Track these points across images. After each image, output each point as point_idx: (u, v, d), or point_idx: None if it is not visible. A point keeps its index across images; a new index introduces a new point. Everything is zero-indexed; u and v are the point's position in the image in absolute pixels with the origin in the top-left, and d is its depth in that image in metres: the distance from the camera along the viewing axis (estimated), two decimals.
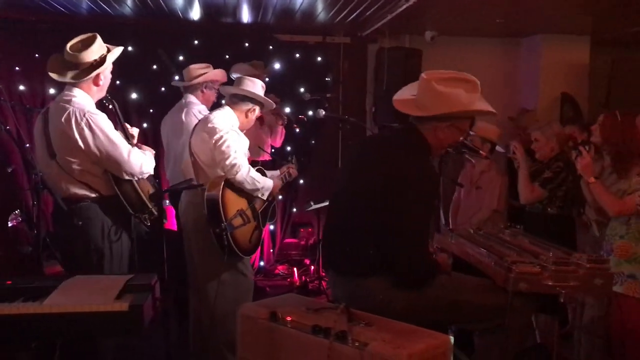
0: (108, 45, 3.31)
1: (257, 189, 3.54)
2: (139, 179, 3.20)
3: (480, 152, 3.69)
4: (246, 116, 3.62)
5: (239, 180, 3.39)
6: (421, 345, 2.07)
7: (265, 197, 3.63)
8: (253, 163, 4.05)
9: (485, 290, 2.73)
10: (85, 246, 3.11)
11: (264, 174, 3.80)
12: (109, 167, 3.12)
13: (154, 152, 3.45)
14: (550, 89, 6.60)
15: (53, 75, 3.20)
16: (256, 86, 3.63)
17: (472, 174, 4.74)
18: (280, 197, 4.05)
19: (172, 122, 4.35)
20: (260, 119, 5.08)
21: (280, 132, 5.67)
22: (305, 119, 4.75)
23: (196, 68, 4.42)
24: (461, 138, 2.76)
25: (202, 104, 4.39)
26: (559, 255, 2.85)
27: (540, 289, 2.66)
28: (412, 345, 2.05)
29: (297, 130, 4.95)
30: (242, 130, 3.63)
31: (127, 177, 3.15)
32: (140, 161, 3.19)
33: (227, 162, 3.36)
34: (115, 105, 3.36)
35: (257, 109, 3.65)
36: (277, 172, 4.06)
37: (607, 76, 6.97)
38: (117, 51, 3.30)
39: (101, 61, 3.18)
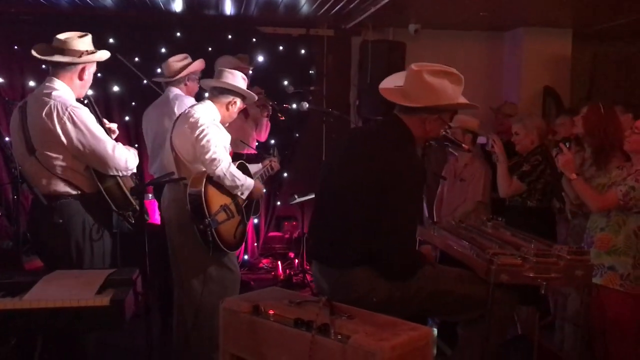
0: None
1: (237, 186, 3.48)
2: (123, 175, 3.15)
3: (463, 145, 3.70)
4: (227, 109, 3.58)
5: (218, 175, 3.36)
6: (404, 337, 2.08)
7: (244, 197, 3.59)
8: (236, 156, 4.02)
9: (466, 281, 2.75)
10: (65, 244, 3.05)
11: (246, 168, 3.78)
12: (93, 163, 3.05)
13: (137, 147, 3.41)
14: (532, 82, 6.63)
15: (36, 54, 3.12)
16: (236, 78, 3.59)
17: (455, 167, 4.77)
18: (264, 190, 4.00)
19: (161, 115, 4.26)
20: (244, 112, 5.05)
21: (266, 125, 5.64)
22: (289, 107, 4.71)
23: (176, 61, 4.33)
24: (442, 131, 2.83)
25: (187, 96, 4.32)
26: (540, 247, 2.88)
27: (521, 281, 2.68)
28: (395, 337, 2.06)
29: (282, 119, 4.92)
30: (224, 124, 3.60)
31: (112, 173, 3.08)
32: (125, 156, 3.12)
33: (207, 157, 3.33)
34: (91, 101, 3.30)
35: (239, 101, 3.62)
36: (259, 166, 4.05)
37: (589, 69, 7.03)
38: (106, 54, 3.26)
39: (91, 53, 3.13)
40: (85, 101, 3.28)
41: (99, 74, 5.29)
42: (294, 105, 6.34)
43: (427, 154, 3.88)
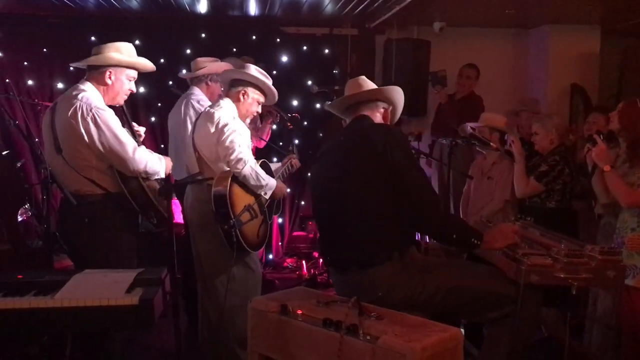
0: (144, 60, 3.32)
1: (261, 186, 3.48)
2: (144, 177, 3.16)
3: (491, 144, 3.65)
4: (239, 99, 3.53)
5: (244, 175, 3.36)
6: (434, 338, 2.06)
7: (267, 196, 3.58)
8: None
9: (492, 278, 2.73)
10: (91, 242, 3.09)
11: (268, 167, 3.78)
12: (114, 164, 3.09)
13: (162, 147, 3.42)
14: (559, 80, 6.55)
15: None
16: (246, 69, 3.56)
17: (482, 165, 4.72)
18: (288, 189, 3.97)
19: (175, 115, 4.31)
20: None
21: (267, 130, 5.31)
22: (299, 116, 4.59)
23: (202, 60, 4.32)
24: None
25: (206, 97, 4.30)
26: (571, 247, 2.84)
27: (552, 281, 2.65)
28: (425, 338, 2.04)
29: (291, 127, 4.81)
30: (244, 119, 3.58)
31: (132, 175, 3.11)
32: (145, 160, 3.14)
33: (232, 157, 3.33)
34: (123, 109, 3.33)
35: (249, 90, 3.54)
36: (279, 164, 4.03)
37: (619, 66, 6.91)
38: (135, 58, 3.27)
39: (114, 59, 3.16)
40: (134, 91, 3.33)
41: None
42: (318, 105, 6.35)
43: (454, 152, 3.85)
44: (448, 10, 5.77)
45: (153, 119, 6.17)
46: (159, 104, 6.18)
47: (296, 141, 6.02)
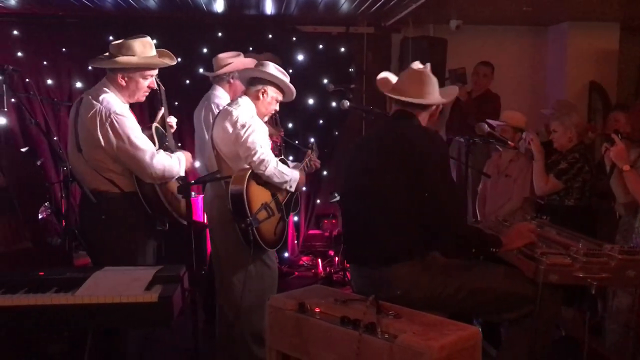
0: (164, 55, 3.29)
1: (285, 182, 3.50)
2: (160, 183, 3.17)
3: (509, 142, 3.63)
4: (258, 98, 3.53)
5: (268, 175, 3.38)
6: (452, 337, 2.06)
7: (292, 190, 3.60)
8: None
9: (511, 278, 2.72)
10: (108, 239, 3.12)
11: (286, 164, 3.79)
12: (132, 169, 3.10)
13: (179, 146, 3.43)
14: (577, 77, 6.49)
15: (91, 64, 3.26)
16: (265, 67, 3.53)
17: (499, 163, 4.69)
18: (304, 188, 3.95)
19: (197, 115, 4.32)
20: None
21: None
22: (315, 145, 4.48)
23: (224, 57, 4.21)
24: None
25: (229, 95, 4.26)
26: (590, 246, 2.81)
27: (571, 281, 2.63)
28: (443, 337, 2.04)
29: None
30: (262, 117, 3.59)
31: (148, 181, 3.11)
32: (163, 166, 3.13)
33: (255, 158, 3.32)
34: (161, 90, 3.35)
35: (269, 89, 3.54)
36: (297, 164, 4.03)
37: (638, 64, 6.83)
38: (147, 60, 3.20)
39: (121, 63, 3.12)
40: (157, 90, 3.33)
41: None
42: (334, 104, 6.35)
43: (471, 151, 3.83)
44: (465, 8, 5.74)
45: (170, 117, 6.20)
46: (176, 103, 6.20)
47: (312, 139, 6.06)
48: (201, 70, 5.82)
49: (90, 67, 5.89)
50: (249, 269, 3.43)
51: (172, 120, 3.47)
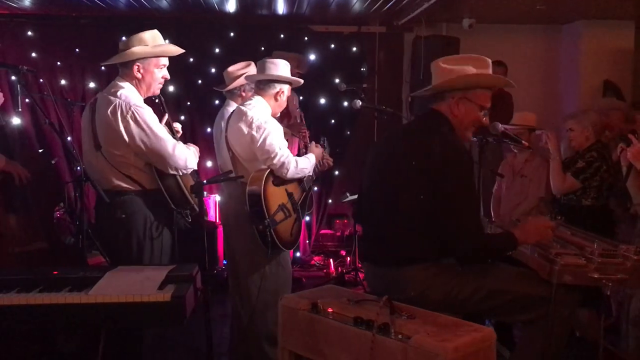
0: (171, 45, 3.29)
1: (307, 175, 3.54)
2: (183, 173, 3.18)
3: (523, 142, 3.61)
4: (276, 99, 3.52)
5: (289, 177, 3.37)
6: (467, 338, 2.04)
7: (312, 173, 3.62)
8: None
9: (526, 280, 2.69)
10: (127, 239, 3.11)
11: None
12: (154, 161, 3.10)
13: (197, 148, 3.43)
14: (591, 76, 6.44)
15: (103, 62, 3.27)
16: (279, 67, 3.50)
17: (514, 163, 4.66)
18: (315, 188, 3.92)
19: (216, 125, 4.18)
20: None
21: (295, 144, 5.11)
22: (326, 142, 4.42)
23: (234, 70, 4.05)
24: (482, 114, 2.71)
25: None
26: (605, 247, 2.78)
27: (585, 282, 2.60)
28: (458, 338, 2.02)
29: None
30: (275, 115, 3.58)
31: (171, 172, 3.12)
32: (185, 156, 3.16)
33: (276, 161, 3.31)
34: (161, 99, 3.35)
35: (286, 89, 3.55)
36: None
37: None
38: (160, 48, 3.22)
39: (138, 53, 3.14)
40: (156, 100, 3.33)
41: None
42: (345, 103, 6.35)
43: (484, 151, 3.81)
44: (477, 6, 5.72)
45: (182, 117, 6.23)
46: (188, 103, 6.24)
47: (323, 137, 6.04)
48: (212, 70, 5.85)
49: (103, 68, 5.95)
50: (265, 269, 3.43)
51: (178, 126, 3.48)
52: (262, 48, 6.09)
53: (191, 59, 6.08)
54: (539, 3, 5.54)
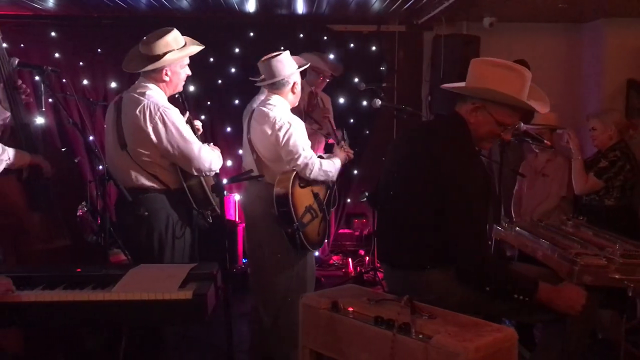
0: (190, 41, 3.33)
1: (332, 178, 3.52)
2: (206, 175, 3.22)
3: (545, 141, 3.59)
4: (293, 92, 3.54)
5: (313, 178, 3.38)
6: (488, 338, 2.03)
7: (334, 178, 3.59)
8: None
9: (547, 280, 2.66)
10: (149, 237, 3.17)
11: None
12: (179, 162, 3.16)
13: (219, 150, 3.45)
14: (614, 75, 6.34)
15: (125, 69, 3.30)
16: (285, 65, 3.47)
17: (535, 163, 4.63)
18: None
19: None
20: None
21: (318, 141, 5.22)
22: (345, 134, 4.28)
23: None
24: (500, 132, 2.58)
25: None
26: (627, 247, 2.76)
27: (606, 283, 2.59)
28: (479, 338, 2.02)
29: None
30: (294, 105, 3.57)
31: (195, 173, 3.17)
32: (210, 158, 3.21)
33: (300, 162, 3.33)
34: (182, 96, 3.41)
35: (298, 79, 3.54)
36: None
37: None
38: (188, 50, 3.29)
39: (170, 52, 3.20)
40: (177, 95, 3.39)
41: None
42: (365, 103, 6.34)
43: (505, 150, 3.79)
44: (498, 5, 5.66)
45: (202, 117, 6.26)
46: (208, 102, 6.28)
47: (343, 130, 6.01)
48: (233, 70, 5.87)
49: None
50: (293, 270, 3.44)
51: (198, 124, 3.53)
52: (282, 47, 6.07)
53: (211, 59, 6.11)
54: (561, 1, 5.48)
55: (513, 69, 2.53)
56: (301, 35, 6.37)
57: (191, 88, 6.15)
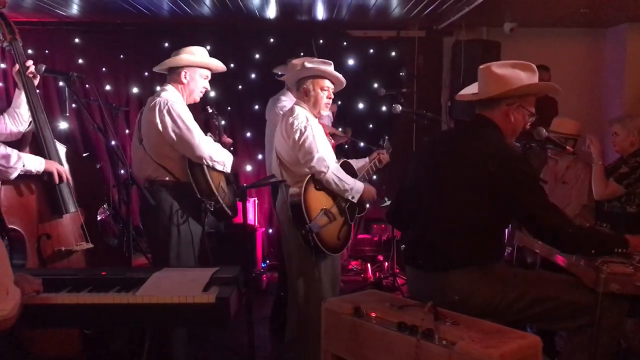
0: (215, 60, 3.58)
1: (345, 190, 3.44)
2: (208, 165, 3.36)
3: (567, 147, 3.56)
4: (306, 94, 3.56)
5: (326, 180, 3.39)
6: (512, 345, 2.02)
7: (355, 200, 3.51)
8: None
9: (571, 287, 2.64)
10: (155, 224, 3.36)
11: (350, 167, 3.71)
12: (182, 149, 3.33)
13: (232, 150, 3.67)
14: (637, 80, 6.29)
15: (154, 69, 3.62)
16: (294, 65, 3.68)
17: (555, 170, 4.59)
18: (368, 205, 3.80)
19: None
20: None
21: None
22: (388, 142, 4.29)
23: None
24: (529, 121, 2.74)
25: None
26: None
27: (633, 291, 2.54)
28: (503, 345, 2.00)
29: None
30: (318, 114, 3.58)
31: (197, 161, 3.33)
32: (210, 148, 3.37)
33: (314, 163, 3.35)
34: (218, 120, 3.79)
35: (308, 82, 3.54)
36: (365, 160, 3.93)
37: None
38: (206, 59, 3.54)
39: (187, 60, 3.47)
40: (210, 110, 3.79)
41: None
42: (384, 108, 6.33)
43: (528, 156, 3.76)
44: (519, 10, 5.64)
45: (223, 122, 6.30)
46: (229, 108, 6.32)
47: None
48: (253, 76, 5.91)
49: (146, 74, 6.09)
50: (313, 274, 3.44)
51: (228, 140, 3.85)
52: (302, 53, 6.12)
53: (232, 65, 6.15)
54: (583, 6, 5.44)
55: (520, 63, 2.69)
56: (321, 41, 6.39)
57: (212, 93, 6.19)
